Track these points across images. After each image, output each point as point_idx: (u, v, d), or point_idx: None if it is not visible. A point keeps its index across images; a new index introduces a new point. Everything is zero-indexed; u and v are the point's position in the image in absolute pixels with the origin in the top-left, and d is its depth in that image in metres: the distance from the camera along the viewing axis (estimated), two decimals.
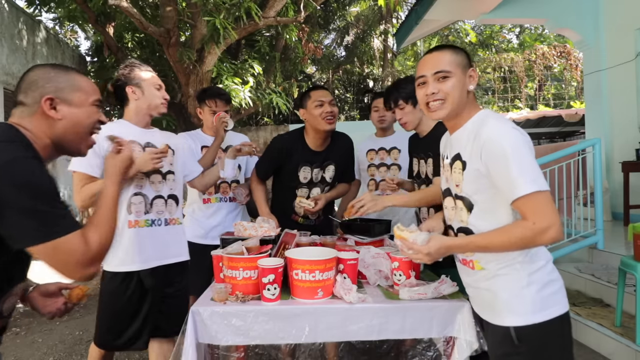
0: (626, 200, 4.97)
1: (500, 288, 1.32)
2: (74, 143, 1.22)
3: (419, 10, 6.09)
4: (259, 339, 1.53)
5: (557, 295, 1.30)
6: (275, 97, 7.10)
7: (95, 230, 1.10)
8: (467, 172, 1.33)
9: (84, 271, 1.05)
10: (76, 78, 1.22)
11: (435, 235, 1.36)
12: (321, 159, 2.46)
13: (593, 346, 3.04)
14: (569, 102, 14.73)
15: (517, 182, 1.20)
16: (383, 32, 14.03)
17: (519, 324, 1.27)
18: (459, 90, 1.36)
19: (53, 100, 1.16)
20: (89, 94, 1.23)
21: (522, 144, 1.24)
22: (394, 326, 1.55)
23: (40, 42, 8.33)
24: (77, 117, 1.20)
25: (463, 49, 1.44)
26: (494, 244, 1.26)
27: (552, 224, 1.18)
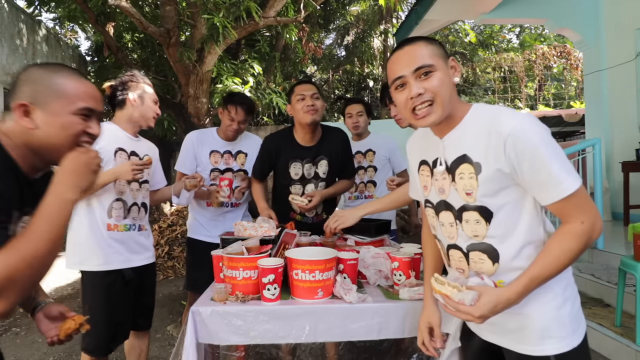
0: (626, 200, 4.97)
1: (534, 310, 1.12)
2: (52, 156, 1.05)
3: (419, 10, 6.10)
4: (259, 339, 1.53)
5: (580, 310, 1.16)
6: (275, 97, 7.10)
7: (8, 256, 0.85)
8: (483, 175, 1.11)
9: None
10: (61, 82, 1.05)
11: (487, 289, 1.08)
12: (312, 154, 2.43)
13: (593, 346, 3.04)
14: (569, 102, 14.74)
15: (560, 179, 1.04)
16: (383, 32, 14.02)
17: (561, 351, 1.10)
18: (447, 84, 1.14)
19: (27, 106, 1.01)
20: (72, 101, 1.04)
21: (550, 136, 1.08)
22: (394, 326, 1.55)
23: (40, 42, 8.33)
24: (52, 128, 1.02)
25: (435, 39, 1.23)
26: (553, 270, 1.06)
27: (596, 216, 1.07)
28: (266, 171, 2.57)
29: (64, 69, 1.09)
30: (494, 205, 1.13)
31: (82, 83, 1.08)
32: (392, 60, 1.19)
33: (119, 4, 5.20)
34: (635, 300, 2.72)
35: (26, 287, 0.89)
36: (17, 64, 7.51)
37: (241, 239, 1.87)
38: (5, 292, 0.85)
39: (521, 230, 1.13)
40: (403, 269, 1.72)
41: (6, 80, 7.15)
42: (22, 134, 1.03)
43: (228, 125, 2.65)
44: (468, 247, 1.19)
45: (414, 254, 1.76)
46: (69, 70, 1.09)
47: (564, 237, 1.07)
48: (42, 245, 0.90)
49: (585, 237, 1.05)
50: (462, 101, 1.22)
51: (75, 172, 1.00)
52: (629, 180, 4.99)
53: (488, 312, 1.05)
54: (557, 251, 1.06)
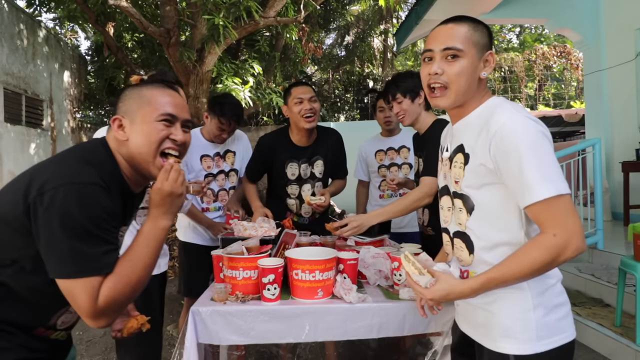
0: (626, 200, 4.97)
1: (500, 308, 1.13)
2: (140, 166, 1.10)
3: (419, 10, 6.10)
4: (259, 339, 1.53)
5: (565, 321, 1.12)
6: (275, 97, 7.10)
7: (112, 280, 0.97)
8: (469, 166, 1.14)
9: (92, 322, 0.96)
10: (146, 92, 1.11)
11: (444, 277, 1.12)
12: (308, 154, 2.45)
13: (593, 346, 3.04)
14: (569, 102, 14.74)
15: (532, 183, 1.01)
16: (383, 31, 14.03)
17: (521, 353, 1.09)
18: (468, 75, 1.12)
19: (120, 120, 1.09)
20: (155, 109, 1.09)
21: (540, 137, 1.04)
22: (394, 325, 1.55)
23: (40, 42, 8.33)
24: (139, 136, 1.08)
25: (486, 26, 1.19)
26: (514, 276, 1.04)
27: (574, 233, 0.99)
28: (261, 171, 2.55)
29: (154, 83, 1.16)
30: (476, 198, 1.14)
31: (166, 92, 1.13)
32: (431, 33, 1.20)
33: (119, 4, 5.20)
34: (635, 300, 2.72)
35: (125, 305, 1.02)
36: (17, 64, 7.51)
37: (241, 239, 1.87)
38: (111, 312, 0.98)
39: (500, 229, 1.13)
40: (402, 270, 1.71)
41: (6, 80, 7.15)
42: (120, 148, 1.10)
43: (217, 134, 2.50)
44: (454, 234, 1.24)
45: (414, 254, 1.76)
46: (159, 83, 1.16)
47: (532, 246, 1.03)
48: (143, 270, 1.03)
49: (553, 251, 1.00)
50: (489, 93, 1.21)
51: (167, 201, 1.08)
52: (629, 180, 4.98)
53: (439, 297, 1.11)
54: (521, 259, 1.03)
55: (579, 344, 3.14)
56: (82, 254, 0.94)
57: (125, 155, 1.10)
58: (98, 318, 0.96)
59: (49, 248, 0.94)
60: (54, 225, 0.92)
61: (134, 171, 1.12)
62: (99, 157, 1.07)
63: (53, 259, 0.94)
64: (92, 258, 0.95)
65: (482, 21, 1.21)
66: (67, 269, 0.94)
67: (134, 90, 1.12)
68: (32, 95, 8.01)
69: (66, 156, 1.04)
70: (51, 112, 8.63)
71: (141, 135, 1.08)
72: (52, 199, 0.93)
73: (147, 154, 1.08)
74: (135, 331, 1.28)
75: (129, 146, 1.08)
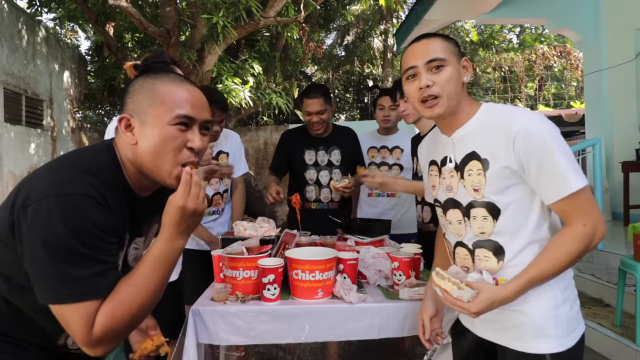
0: (626, 200, 4.97)
1: (532, 308, 1.12)
2: (152, 175, 0.95)
3: (419, 10, 6.09)
4: (259, 339, 1.53)
5: (579, 312, 1.17)
6: (275, 97, 7.10)
7: (110, 306, 0.85)
8: (490, 171, 1.12)
9: (88, 351, 0.86)
10: (160, 88, 0.93)
11: (486, 287, 1.08)
12: (325, 143, 2.67)
13: (593, 346, 3.04)
14: (569, 102, 14.73)
15: (566, 176, 1.04)
16: (383, 31, 14.02)
17: (557, 350, 1.10)
18: (455, 81, 1.16)
19: (129, 119, 0.93)
20: (170, 108, 0.91)
21: (558, 133, 1.09)
22: (394, 325, 1.55)
23: (40, 42, 8.33)
24: (149, 142, 0.91)
25: (451, 37, 1.25)
26: (553, 271, 1.06)
27: (599, 221, 1.06)
28: (283, 163, 2.70)
29: (169, 75, 0.97)
30: (501, 202, 1.13)
31: (183, 88, 0.94)
32: (407, 51, 1.22)
33: (118, 4, 5.20)
34: (635, 300, 2.71)
35: (126, 334, 0.90)
36: (17, 64, 7.51)
37: (241, 239, 1.86)
38: (107, 342, 0.86)
39: (528, 228, 1.13)
40: (403, 269, 1.72)
41: (6, 80, 7.15)
42: (127, 151, 0.95)
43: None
44: (474, 245, 1.19)
45: (414, 254, 1.76)
46: (174, 75, 0.97)
47: (564, 239, 1.07)
48: (148, 296, 0.88)
49: (586, 240, 1.05)
50: (472, 100, 1.23)
51: (188, 220, 0.92)
52: (629, 180, 4.98)
53: (485, 308, 1.07)
54: (557, 253, 1.06)
55: None
56: (70, 276, 0.82)
57: (133, 161, 0.95)
58: (95, 347, 0.85)
59: (34, 270, 0.84)
60: (37, 245, 0.81)
61: (144, 178, 0.97)
62: (99, 162, 0.92)
63: (40, 283, 0.84)
64: (81, 281, 0.83)
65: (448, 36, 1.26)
66: (56, 293, 0.83)
67: (145, 83, 0.94)
68: (32, 95, 8.01)
69: (62, 162, 0.91)
70: (51, 112, 8.63)
71: (152, 142, 0.91)
72: (35, 214, 0.82)
73: (161, 164, 0.92)
74: (150, 353, 1.16)
75: (137, 151, 0.93)
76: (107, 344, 0.86)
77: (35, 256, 0.82)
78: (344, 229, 2.26)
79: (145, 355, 1.16)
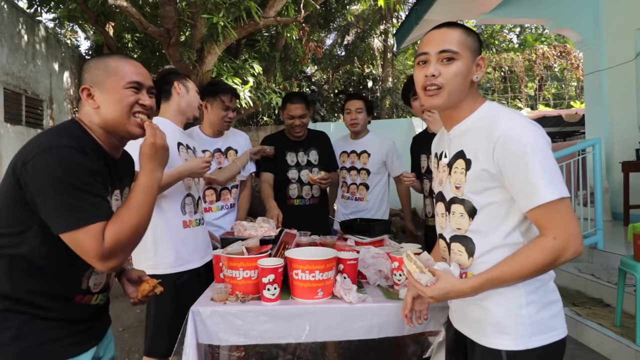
0: (626, 200, 4.97)
1: (494, 304, 1.15)
2: (119, 129, 1.20)
3: (419, 10, 6.10)
4: (259, 339, 1.53)
5: (557, 318, 1.15)
6: (275, 97, 7.10)
7: (114, 224, 1.07)
8: (471, 172, 1.15)
9: (102, 265, 1.06)
10: (112, 63, 1.21)
11: (445, 277, 1.13)
12: (302, 145, 2.86)
13: (593, 346, 3.04)
14: (569, 102, 14.73)
15: (538, 186, 1.03)
16: (383, 31, 14.02)
17: (513, 348, 1.12)
18: (462, 77, 1.15)
19: (89, 89, 1.18)
20: (122, 77, 1.20)
21: (543, 141, 1.07)
22: (394, 325, 1.55)
23: (40, 42, 8.33)
24: (110, 103, 1.18)
25: (477, 33, 1.22)
26: (514, 276, 1.07)
27: (573, 236, 1.03)
28: (270, 161, 2.80)
29: (116, 54, 1.27)
30: (478, 203, 1.15)
31: (130, 62, 1.24)
32: (425, 37, 1.22)
33: (118, 4, 5.20)
34: (635, 300, 2.72)
35: (130, 248, 1.12)
36: (17, 64, 7.51)
37: (241, 239, 1.87)
38: (117, 253, 1.07)
39: (502, 231, 1.14)
40: (403, 269, 1.71)
41: (6, 80, 7.15)
42: (93, 117, 1.19)
43: (222, 115, 2.51)
44: (451, 238, 1.24)
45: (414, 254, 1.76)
46: (120, 54, 1.29)
47: (533, 248, 1.06)
48: (142, 214, 1.13)
49: (554, 254, 1.03)
50: (481, 97, 1.22)
51: (160, 153, 1.21)
52: (629, 180, 4.98)
53: (440, 296, 1.11)
54: (523, 260, 1.06)
55: (579, 343, 3.14)
56: (77, 207, 1.03)
57: (99, 123, 1.19)
58: (107, 259, 1.05)
59: (47, 210, 1.04)
60: (45, 189, 1.02)
61: (110, 136, 1.21)
62: (71, 129, 1.16)
63: (54, 218, 1.04)
64: (86, 209, 1.04)
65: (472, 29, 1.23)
66: (68, 221, 1.03)
67: (99, 61, 1.22)
68: (32, 95, 8.01)
69: (41, 135, 1.14)
70: (51, 112, 8.63)
71: (113, 102, 1.18)
72: (35, 166, 1.03)
73: (120, 117, 1.19)
74: (149, 293, 1.34)
75: (101, 113, 1.18)
76: (117, 256, 1.07)
77: (46, 198, 1.03)
78: (344, 229, 2.27)
79: (145, 295, 1.34)
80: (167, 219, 1.99)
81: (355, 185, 2.99)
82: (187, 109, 2.15)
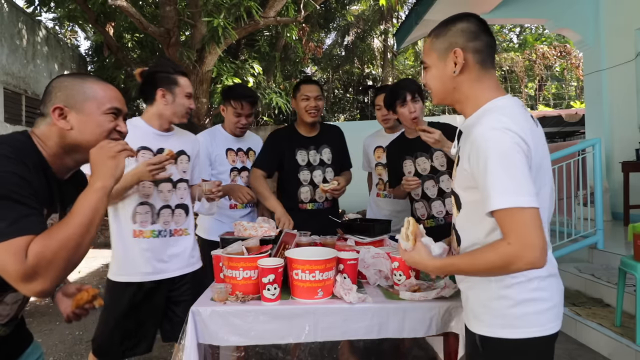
0: (626, 200, 4.97)
1: (472, 294, 1.25)
2: (85, 154, 1.14)
3: (419, 9, 6.10)
4: (259, 339, 1.53)
5: (536, 316, 1.16)
6: (275, 97, 7.10)
7: (44, 239, 0.93)
8: (458, 168, 1.23)
9: (22, 287, 0.91)
10: (90, 86, 1.17)
11: (420, 249, 1.27)
12: (315, 142, 2.63)
13: (593, 346, 3.04)
14: (569, 102, 14.74)
15: (491, 193, 1.05)
16: (383, 31, 14.03)
17: (485, 334, 1.20)
18: (437, 79, 1.26)
19: (62, 109, 1.12)
20: (102, 102, 1.16)
21: (513, 149, 1.05)
22: (394, 326, 1.55)
23: (40, 42, 8.33)
24: (87, 127, 1.14)
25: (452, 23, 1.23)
26: (467, 269, 1.16)
27: (530, 246, 1.02)
28: (273, 162, 2.57)
29: (91, 77, 1.22)
30: (463, 198, 1.24)
31: (109, 87, 1.21)
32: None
33: (118, 4, 5.20)
34: (635, 300, 2.71)
35: (62, 268, 0.95)
36: (17, 64, 7.51)
37: (241, 239, 1.86)
38: (42, 272, 0.92)
39: (480, 231, 1.19)
40: (403, 269, 1.72)
41: (6, 80, 7.15)
42: (56, 136, 1.12)
43: (235, 121, 2.53)
44: (453, 226, 1.35)
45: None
46: (95, 77, 1.24)
47: (488, 248, 1.11)
48: (75, 229, 0.98)
49: (504, 258, 1.05)
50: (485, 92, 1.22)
51: (98, 162, 1.10)
52: (629, 180, 4.99)
53: (409, 262, 1.32)
54: (477, 255, 1.12)
55: (579, 344, 3.14)
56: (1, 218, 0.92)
57: (61, 143, 1.12)
58: (30, 279, 0.90)
59: None
60: None
61: (68, 157, 1.15)
62: (17, 140, 1.07)
63: None
64: (11, 221, 0.92)
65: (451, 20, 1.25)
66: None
67: (75, 81, 1.17)
68: (32, 95, 8.01)
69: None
70: None
71: (90, 126, 1.14)
72: None
73: (95, 141, 1.14)
74: (86, 304, 1.23)
75: (71, 135, 1.12)
76: (43, 275, 0.92)
77: None
78: (344, 229, 2.26)
79: (82, 305, 1.23)
80: (120, 226, 1.93)
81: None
82: (172, 116, 2.00)
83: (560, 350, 3.11)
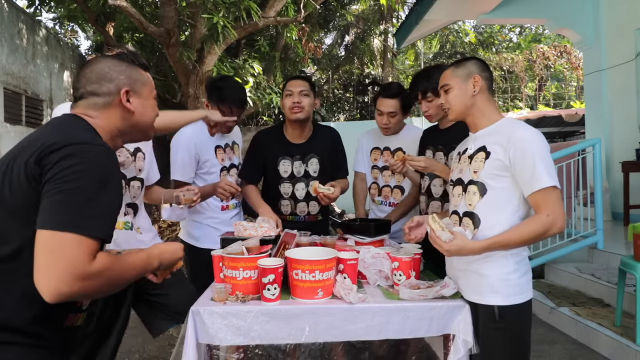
0: (626, 200, 4.97)
1: (490, 270, 1.51)
2: (140, 135, 1.29)
3: (419, 9, 6.10)
4: (259, 339, 1.53)
5: (530, 283, 1.54)
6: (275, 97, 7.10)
7: (111, 260, 0.99)
8: (489, 161, 1.51)
9: (73, 283, 0.91)
10: (143, 72, 1.27)
11: (461, 236, 1.45)
12: (301, 151, 2.37)
13: (593, 346, 3.04)
14: (569, 102, 14.73)
15: (541, 175, 1.41)
16: (383, 31, 14.03)
17: (503, 304, 1.47)
18: (461, 97, 1.60)
19: (129, 92, 1.20)
20: (152, 88, 1.29)
21: (546, 145, 1.48)
22: (394, 326, 1.55)
23: (40, 42, 8.33)
24: (146, 110, 1.25)
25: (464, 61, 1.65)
26: (515, 240, 1.45)
27: (561, 216, 1.42)
28: (258, 169, 2.41)
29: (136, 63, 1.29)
30: (489, 185, 1.52)
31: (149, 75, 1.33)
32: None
33: (118, 4, 5.20)
34: (635, 300, 2.72)
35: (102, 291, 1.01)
36: (17, 64, 7.51)
37: (241, 239, 1.86)
38: (98, 279, 0.95)
39: (504, 212, 1.50)
40: (403, 269, 1.72)
41: (6, 80, 7.15)
42: (119, 118, 1.20)
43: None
44: (463, 214, 1.60)
45: (414, 254, 1.76)
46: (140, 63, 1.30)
47: (531, 220, 1.46)
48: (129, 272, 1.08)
49: (545, 226, 1.42)
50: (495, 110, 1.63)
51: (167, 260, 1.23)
52: (629, 180, 4.99)
53: (454, 251, 1.45)
54: (523, 228, 1.45)
55: (579, 343, 3.14)
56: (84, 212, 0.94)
57: (122, 126, 1.21)
58: (84, 280, 0.92)
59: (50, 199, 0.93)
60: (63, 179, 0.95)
61: (119, 138, 1.24)
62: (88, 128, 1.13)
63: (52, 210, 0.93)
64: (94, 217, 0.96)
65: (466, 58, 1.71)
66: (65, 220, 0.92)
67: (134, 68, 1.24)
68: (32, 95, 8.01)
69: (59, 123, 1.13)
70: (51, 112, 8.63)
71: (147, 109, 1.26)
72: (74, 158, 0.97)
73: (150, 124, 1.29)
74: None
75: (133, 117, 1.22)
76: (94, 284, 0.95)
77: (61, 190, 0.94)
78: (344, 229, 2.26)
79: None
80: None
81: (389, 188, 2.53)
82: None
83: (561, 350, 3.11)
